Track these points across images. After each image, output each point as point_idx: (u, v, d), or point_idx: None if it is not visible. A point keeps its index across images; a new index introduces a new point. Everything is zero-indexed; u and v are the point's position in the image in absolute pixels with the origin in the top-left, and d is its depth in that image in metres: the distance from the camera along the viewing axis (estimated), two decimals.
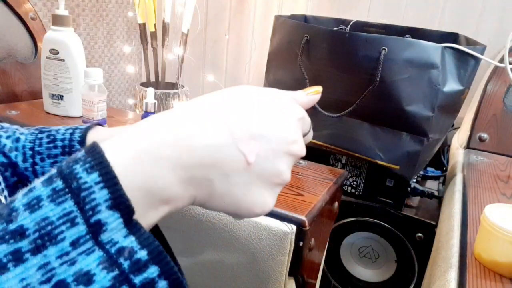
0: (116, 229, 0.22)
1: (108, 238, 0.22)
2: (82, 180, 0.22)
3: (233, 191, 0.27)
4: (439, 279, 0.48)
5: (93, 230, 0.21)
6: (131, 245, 0.22)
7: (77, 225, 0.21)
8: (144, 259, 0.22)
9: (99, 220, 0.22)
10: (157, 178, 0.24)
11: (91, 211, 0.22)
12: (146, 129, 0.26)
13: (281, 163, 0.28)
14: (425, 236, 0.86)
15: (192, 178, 0.25)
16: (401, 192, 0.88)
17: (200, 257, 0.64)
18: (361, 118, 0.84)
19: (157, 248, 0.23)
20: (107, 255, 0.22)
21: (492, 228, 0.44)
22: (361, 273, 0.96)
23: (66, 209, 0.21)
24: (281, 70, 0.95)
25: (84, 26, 1.45)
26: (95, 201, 0.22)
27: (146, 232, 0.23)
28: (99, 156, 0.23)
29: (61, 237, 0.21)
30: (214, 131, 0.26)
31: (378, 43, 0.76)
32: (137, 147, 0.24)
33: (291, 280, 0.60)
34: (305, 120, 0.31)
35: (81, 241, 0.21)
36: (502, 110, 0.88)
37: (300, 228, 0.56)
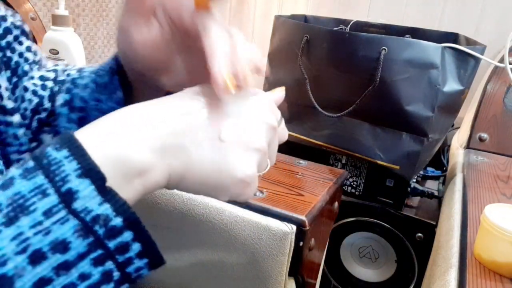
0: (89, 197, 0.22)
1: (82, 206, 0.22)
2: (52, 157, 0.23)
3: (211, 157, 0.27)
4: (439, 279, 0.48)
5: (65, 199, 0.22)
6: (106, 213, 0.22)
7: (48, 195, 0.22)
8: (119, 225, 0.23)
9: (70, 189, 0.22)
10: (127, 147, 0.24)
11: (62, 181, 0.22)
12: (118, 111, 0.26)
13: (256, 129, 0.29)
14: (425, 236, 0.86)
15: (165, 146, 0.25)
16: (401, 192, 0.88)
17: (200, 257, 0.64)
18: (361, 118, 0.84)
19: (132, 215, 0.23)
20: (82, 223, 0.22)
21: (492, 228, 0.44)
22: (361, 273, 0.96)
23: (37, 183, 0.22)
24: (281, 70, 0.95)
25: (84, 26, 1.45)
26: (65, 172, 0.22)
27: (121, 199, 0.23)
28: (68, 136, 0.23)
29: (33, 208, 0.21)
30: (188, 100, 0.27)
31: (378, 43, 0.76)
32: (107, 121, 0.25)
33: (291, 280, 0.60)
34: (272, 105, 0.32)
35: (53, 210, 0.22)
36: (502, 110, 0.88)
37: (300, 228, 0.56)
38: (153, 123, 0.26)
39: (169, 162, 0.26)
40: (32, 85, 0.41)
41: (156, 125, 0.26)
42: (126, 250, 0.23)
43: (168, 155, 0.26)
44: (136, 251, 0.24)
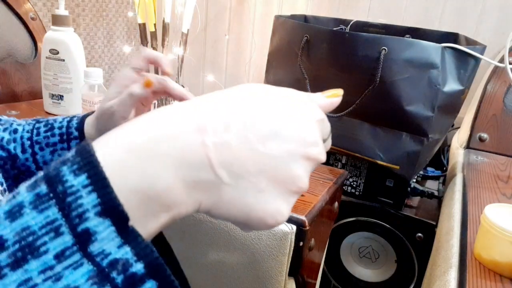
0: (108, 239, 0.19)
1: (98, 249, 0.19)
2: (68, 184, 0.19)
3: (243, 197, 0.23)
4: (439, 279, 0.48)
5: (81, 240, 0.19)
6: (125, 257, 0.19)
7: (62, 235, 0.19)
8: (140, 273, 0.20)
9: (87, 229, 0.19)
10: (156, 179, 0.21)
11: (78, 218, 0.19)
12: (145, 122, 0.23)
13: (298, 167, 0.24)
14: (425, 236, 0.86)
15: (197, 180, 0.22)
16: (401, 192, 0.88)
17: (200, 257, 0.64)
18: (361, 118, 0.84)
19: (156, 260, 0.20)
20: (98, 269, 0.19)
21: (492, 228, 0.44)
22: (361, 273, 0.96)
23: (49, 217, 0.19)
24: (281, 70, 0.95)
25: (84, 26, 1.45)
26: (83, 207, 0.19)
27: (143, 242, 0.20)
28: (88, 156, 0.20)
29: (43, 249, 0.19)
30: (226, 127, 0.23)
31: (378, 43, 0.76)
32: (132, 142, 0.21)
33: (291, 280, 0.60)
34: (324, 123, 0.27)
35: (67, 253, 0.19)
36: (502, 110, 0.88)
37: (300, 228, 0.56)
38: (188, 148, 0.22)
39: (199, 197, 0.23)
40: None
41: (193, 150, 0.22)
42: None
43: (199, 189, 0.22)
44: None
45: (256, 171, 0.23)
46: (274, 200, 0.24)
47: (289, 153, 0.24)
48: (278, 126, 0.24)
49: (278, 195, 0.24)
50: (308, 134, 0.25)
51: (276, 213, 0.24)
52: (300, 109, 0.26)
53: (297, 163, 0.24)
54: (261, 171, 0.23)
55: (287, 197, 0.24)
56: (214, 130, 0.23)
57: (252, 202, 0.23)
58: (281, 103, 0.25)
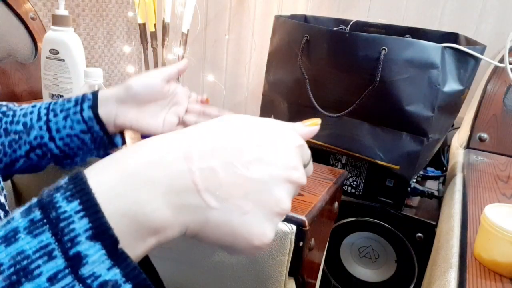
0: (98, 261, 0.20)
1: (89, 272, 0.20)
2: (61, 210, 0.20)
3: (229, 220, 0.24)
4: (439, 279, 0.48)
5: (73, 263, 0.20)
6: (114, 278, 0.20)
7: (54, 258, 0.20)
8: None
9: (78, 253, 0.20)
10: (144, 204, 0.22)
11: (70, 242, 0.20)
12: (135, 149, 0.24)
13: (281, 190, 0.26)
14: (425, 236, 0.86)
15: (184, 204, 0.23)
16: (401, 192, 0.88)
17: (201, 258, 0.64)
18: (361, 118, 0.84)
19: (144, 281, 0.21)
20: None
21: (492, 228, 0.44)
22: (361, 273, 0.96)
23: (43, 242, 0.20)
24: (281, 70, 0.95)
25: (84, 26, 1.45)
26: (74, 232, 0.20)
27: (132, 263, 0.21)
28: (81, 183, 0.21)
29: (37, 272, 0.20)
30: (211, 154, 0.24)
31: (378, 43, 0.76)
32: (122, 169, 0.23)
33: (291, 280, 0.60)
34: (304, 149, 0.29)
35: (59, 276, 0.20)
36: (502, 110, 0.88)
37: (300, 228, 0.56)
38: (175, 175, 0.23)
39: (186, 221, 0.24)
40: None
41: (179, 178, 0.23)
42: None
43: (185, 213, 0.23)
44: None
45: (241, 195, 0.24)
46: (259, 222, 0.25)
47: (272, 177, 0.25)
48: (261, 152, 0.26)
49: (263, 217, 0.25)
50: (289, 159, 0.27)
51: (261, 234, 0.25)
52: (282, 136, 0.27)
53: (279, 186, 0.26)
54: (245, 195, 0.24)
55: (271, 218, 0.26)
56: (200, 157, 0.24)
57: (237, 224, 0.24)
58: (263, 131, 0.27)
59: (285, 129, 0.29)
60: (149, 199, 0.22)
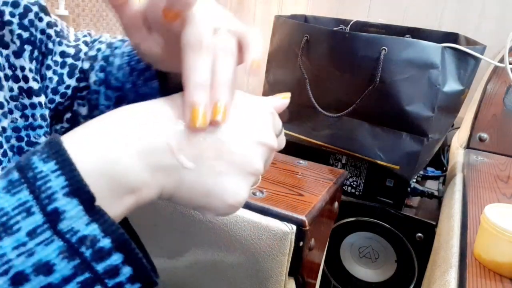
0: (76, 217, 0.21)
1: (68, 227, 0.21)
2: (38, 170, 0.21)
3: (204, 180, 0.25)
4: (439, 279, 0.48)
5: (51, 219, 0.21)
6: (93, 233, 0.21)
7: (33, 214, 0.21)
8: (107, 247, 0.21)
9: (56, 208, 0.21)
10: (119, 162, 0.23)
11: (48, 199, 0.21)
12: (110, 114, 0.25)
13: (253, 151, 0.27)
14: (425, 236, 0.86)
15: (159, 165, 0.24)
16: (401, 192, 0.88)
17: (200, 257, 0.64)
18: (361, 118, 0.84)
19: (122, 236, 0.22)
20: (68, 245, 0.21)
21: (492, 228, 0.44)
22: (361, 273, 0.96)
23: (21, 199, 0.21)
24: (281, 70, 0.95)
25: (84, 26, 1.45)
26: (51, 189, 0.21)
27: (110, 219, 0.22)
28: (56, 146, 0.22)
29: (16, 227, 0.20)
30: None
31: (378, 43, 0.76)
32: (96, 130, 0.24)
33: (291, 280, 0.60)
34: (275, 118, 0.30)
35: (38, 230, 0.20)
36: (502, 110, 0.88)
37: (300, 228, 0.56)
38: (149, 136, 0.24)
39: (161, 181, 0.25)
40: (53, 63, 0.42)
41: (153, 139, 0.24)
42: (116, 274, 0.22)
43: (160, 173, 0.24)
44: (127, 275, 0.22)
45: (214, 156, 0.25)
46: (233, 181, 0.26)
47: (245, 138, 0.27)
48: (234, 117, 0.27)
49: (236, 176, 0.26)
50: (260, 124, 0.28)
51: (235, 193, 0.26)
52: (254, 102, 0.29)
53: (251, 147, 0.27)
54: (219, 156, 0.26)
55: (244, 178, 0.27)
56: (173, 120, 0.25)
57: (212, 183, 0.26)
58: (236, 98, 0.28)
59: (257, 98, 0.30)
60: (123, 158, 0.23)
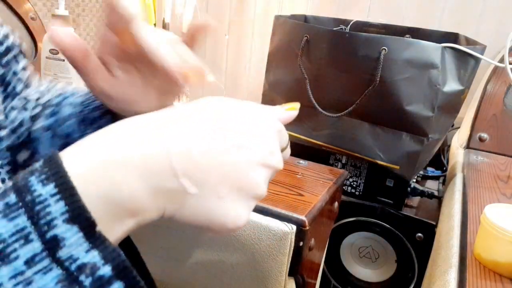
0: (76, 244, 0.20)
1: (67, 255, 0.20)
2: (36, 193, 0.20)
3: (206, 204, 0.24)
4: (439, 279, 0.48)
5: (50, 246, 0.20)
6: (93, 261, 0.20)
7: (31, 241, 0.20)
8: (107, 275, 0.21)
9: (55, 236, 0.20)
10: (122, 186, 0.22)
11: (47, 226, 0.20)
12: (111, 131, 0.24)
13: (257, 175, 0.26)
14: (425, 236, 0.86)
15: (162, 188, 0.23)
16: (401, 192, 0.88)
17: (200, 257, 0.64)
18: (361, 118, 0.84)
19: (123, 263, 0.21)
20: (67, 273, 0.20)
21: (492, 228, 0.44)
22: (361, 273, 0.96)
23: (19, 225, 0.20)
24: (281, 70, 0.95)
25: (84, 26, 1.45)
26: (51, 215, 0.20)
27: (110, 246, 0.21)
28: (56, 166, 0.21)
29: (14, 255, 0.19)
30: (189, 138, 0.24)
31: (378, 43, 0.76)
32: (98, 151, 0.22)
33: (291, 280, 0.60)
34: (282, 134, 0.29)
35: (36, 259, 0.20)
36: (502, 110, 0.88)
37: (300, 228, 0.56)
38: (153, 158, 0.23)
39: (164, 204, 0.24)
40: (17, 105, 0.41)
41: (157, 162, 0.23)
42: None
43: (163, 196, 0.24)
44: None
45: (217, 180, 0.24)
46: (235, 206, 0.25)
47: (250, 162, 0.26)
48: (239, 138, 0.26)
49: (238, 201, 0.25)
50: (267, 145, 0.27)
51: (236, 218, 0.26)
52: (261, 121, 0.28)
53: (256, 171, 0.26)
54: (222, 180, 0.25)
55: (246, 203, 0.26)
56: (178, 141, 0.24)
57: (213, 208, 0.25)
58: (243, 115, 0.27)
59: (264, 114, 0.29)
60: (125, 181, 0.22)
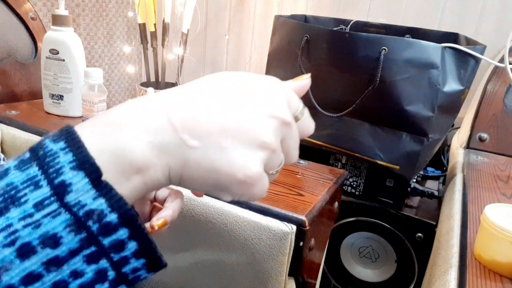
0: (83, 190, 0.21)
1: (75, 200, 0.21)
2: (48, 148, 0.22)
3: (208, 156, 0.24)
4: (439, 279, 0.48)
5: (58, 191, 0.21)
6: (100, 208, 0.21)
7: (40, 187, 0.21)
8: (113, 222, 0.22)
9: (63, 181, 0.21)
10: (125, 143, 0.23)
11: (55, 173, 0.21)
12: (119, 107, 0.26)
13: (261, 123, 0.25)
14: (425, 236, 0.86)
15: (163, 144, 0.24)
16: (401, 192, 0.88)
17: (200, 257, 0.64)
18: (361, 118, 0.84)
19: (128, 211, 0.22)
20: (75, 218, 0.21)
21: (492, 228, 0.44)
22: (361, 273, 0.96)
23: (30, 174, 0.21)
24: (281, 70, 0.95)
25: (84, 26, 1.45)
26: (59, 164, 0.21)
27: (117, 194, 0.22)
28: (67, 129, 0.23)
29: (24, 199, 0.21)
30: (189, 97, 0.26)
31: (378, 43, 0.76)
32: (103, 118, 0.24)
33: (291, 280, 0.60)
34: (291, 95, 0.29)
35: (45, 202, 0.21)
36: (502, 110, 0.88)
37: (300, 228, 0.56)
38: (153, 115, 0.24)
39: (167, 160, 0.24)
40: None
41: (156, 119, 0.24)
42: (121, 249, 0.22)
43: (166, 152, 0.24)
44: (132, 250, 0.23)
45: (219, 131, 0.25)
46: (239, 154, 0.25)
47: (252, 112, 0.25)
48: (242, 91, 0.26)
49: (242, 149, 0.25)
50: (272, 98, 0.27)
51: (243, 166, 0.25)
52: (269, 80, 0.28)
53: (261, 120, 0.26)
54: (223, 130, 0.25)
55: (251, 150, 0.25)
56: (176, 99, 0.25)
57: (217, 159, 0.25)
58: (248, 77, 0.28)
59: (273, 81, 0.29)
60: (129, 139, 0.23)
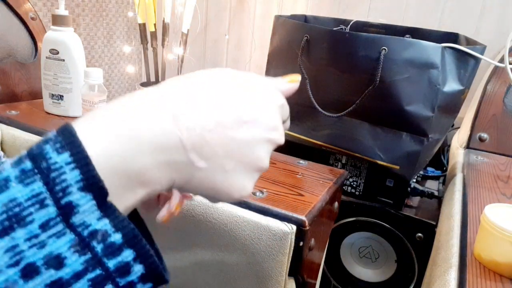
0: (89, 211, 0.21)
1: (80, 221, 0.21)
2: (51, 161, 0.21)
3: (213, 176, 0.26)
4: (439, 279, 0.48)
5: (64, 212, 0.21)
6: (104, 228, 0.21)
7: (46, 207, 0.20)
8: (118, 242, 0.22)
9: (70, 202, 0.21)
10: (134, 160, 0.23)
11: (62, 192, 0.21)
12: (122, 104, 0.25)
13: (261, 150, 0.28)
14: (425, 236, 0.86)
15: (171, 162, 0.24)
16: (401, 192, 0.88)
17: (200, 257, 0.64)
18: (361, 118, 0.84)
19: (132, 231, 0.22)
20: (79, 238, 0.21)
21: (492, 228, 0.44)
22: (361, 273, 0.96)
23: (34, 190, 0.20)
24: (281, 70, 0.95)
25: (84, 26, 1.45)
26: (66, 182, 0.21)
27: (121, 215, 0.22)
28: (70, 136, 0.22)
29: (29, 219, 0.20)
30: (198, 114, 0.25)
31: (378, 43, 0.76)
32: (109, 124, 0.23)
33: (291, 280, 0.60)
34: (284, 107, 0.31)
35: (51, 223, 0.20)
36: (502, 110, 0.88)
37: (300, 228, 0.56)
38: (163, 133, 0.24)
39: (173, 176, 0.25)
40: None
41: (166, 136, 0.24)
42: (128, 272, 0.22)
43: (172, 169, 0.25)
44: (138, 273, 0.22)
45: (224, 154, 0.26)
46: (240, 178, 0.27)
47: (255, 137, 0.27)
48: (246, 113, 0.27)
49: (244, 174, 0.27)
50: (271, 120, 0.28)
51: (241, 189, 0.28)
52: (266, 96, 0.29)
53: (260, 146, 0.27)
54: (228, 154, 0.26)
55: (251, 175, 0.28)
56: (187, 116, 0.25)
57: (220, 181, 0.27)
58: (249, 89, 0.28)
59: (269, 88, 0.30)
60: (138, 157, 0.23)
